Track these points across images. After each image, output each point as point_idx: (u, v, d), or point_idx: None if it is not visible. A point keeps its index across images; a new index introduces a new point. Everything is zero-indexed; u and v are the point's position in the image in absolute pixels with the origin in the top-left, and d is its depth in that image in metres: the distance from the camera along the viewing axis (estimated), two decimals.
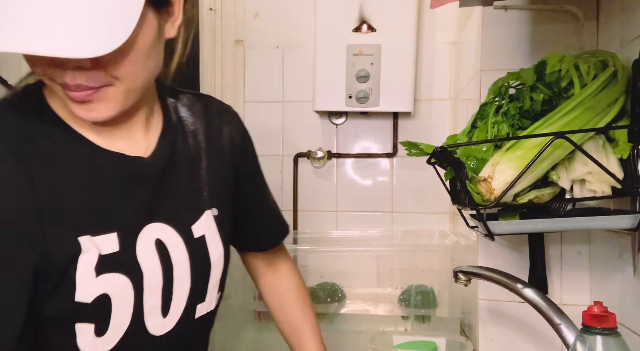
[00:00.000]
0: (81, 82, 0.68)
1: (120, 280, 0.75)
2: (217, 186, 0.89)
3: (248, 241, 1.03)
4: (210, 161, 0.89)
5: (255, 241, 1.04)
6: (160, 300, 0.79)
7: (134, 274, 0.76)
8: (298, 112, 1.74)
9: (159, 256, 0.79)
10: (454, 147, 0.91)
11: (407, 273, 1.46)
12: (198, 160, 0.88)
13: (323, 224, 1.74)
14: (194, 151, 0.87)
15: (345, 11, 1.58)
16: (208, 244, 0.86)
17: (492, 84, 0.96)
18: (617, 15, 0.97)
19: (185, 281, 0.82)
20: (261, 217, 1.03)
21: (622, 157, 0.82)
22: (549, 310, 0.77)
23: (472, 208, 0.88)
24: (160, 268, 0.79)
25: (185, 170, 0.85)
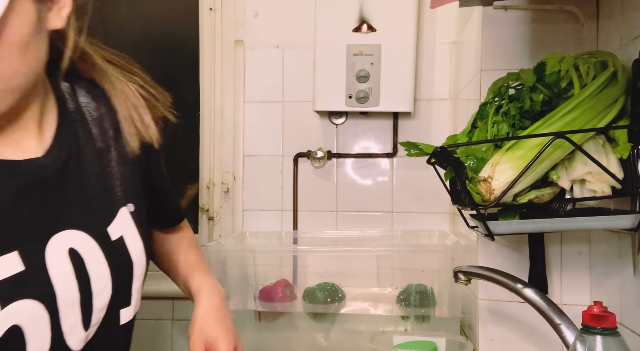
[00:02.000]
0: None
1: (30, 306, 0.66)
2: (130, 177, 0.80)
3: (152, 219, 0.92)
4: (119, 151, 0.79)
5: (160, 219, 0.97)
6: (80, 315, 0.72)
7: (45, 296, 0.68)
8: (298, 112, 1.74)
9: (74, 268, 0.71)
10: (454, 147, 0.91)
11: (407, 273, 1.46)
12: (106, 152, 0.78)
13: (323, 224, 1.74)
14: (100, 143, 0.78)
15: (345, 11, 1.58)
16: (128, 245, 0.78)
17: (491, 84, 0.96)
18: (617, 15, 0.97)
19: (105, 290, 0.75)
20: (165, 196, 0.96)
21: (622, 157, 0.82)
22: (549, 310, 0.77)
23: (472, 208, 0.88)
24: (74, 281, 0.71)
25: (93, 166, 0.76)
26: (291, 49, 1.74)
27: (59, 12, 0.68)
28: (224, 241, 1.55)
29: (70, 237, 0.72)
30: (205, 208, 1.79)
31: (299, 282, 1.53)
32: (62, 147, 0.73)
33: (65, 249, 0.71)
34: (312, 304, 1.44)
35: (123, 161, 0.80)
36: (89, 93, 0.79)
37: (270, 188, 1.75)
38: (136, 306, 0.82)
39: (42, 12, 0.65)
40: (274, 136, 1.76)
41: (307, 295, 1.45)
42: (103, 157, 0.77)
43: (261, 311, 1.46)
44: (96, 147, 0.77)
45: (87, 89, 0.79)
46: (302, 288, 1.47)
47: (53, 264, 0.69)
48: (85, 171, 0.75)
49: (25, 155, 0.69)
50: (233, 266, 1.44)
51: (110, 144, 0.79)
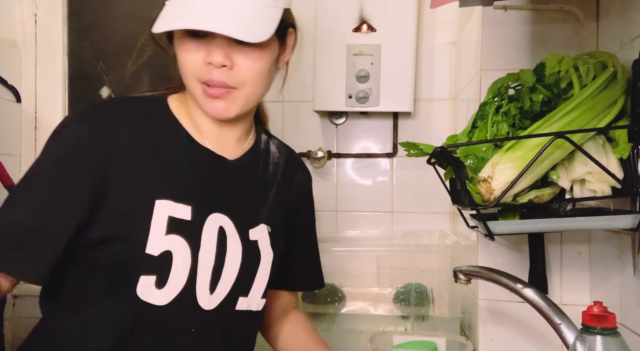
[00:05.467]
0: (224, 79, 0.85)
1: (183, 244, 0.86)
2: (277, 211, 1.01)
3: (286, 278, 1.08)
4: (278, 190, 1.03)
5: (293, 280, 1.11)
6: (210, 276, 0.89)
7: (194, 244, 0.87)
8: (298, 112, 1.74)
9: (218, 240, 0.90)
10: (454, 147, 0.91)
11: (407, 273, 1.46)
12: (270, 184, 1.02)
13: (323, 224, 1.73)
14: (270, 176, 1.02)
15: (345, 11, 1.58)
16: (260, 248, 0.96)
17: (491, 84, 0.96)
18: (617, 15, 0.98)
19: (233, 269, 0.92)
20: (305, 260, 1.12)
21: (622, 157, 0.82)
22: (549, 310, 0.77)
23: (472, 208, 0.88)
24: (215, 249, 0.90)
25: (258, 185, 1.00)
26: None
27: (284, 58, 0.97)
28: None
29: (224, 219, 0.92)
30: None
31: None
32: (246, 163, 0.98)
33: (217, 224, 0.91)
34: (312, 304, 1.44)
35: (278, 197, 1.02)
36: (276, 148, 1.08)
37: None
38: (251, 304, 0.96)
39: (279, 52, 0.93)
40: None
41: (306, 295, 1.45)
42: (267, 185, 1.01)
43: None
44: (266, 176, 1.02)
45: (276, 145, 1.08)
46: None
47: (207, 229, 0.90)
48: (253, 186, 0.99)
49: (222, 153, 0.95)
50: None
51: (274, 181, 1.03)
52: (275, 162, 1.05)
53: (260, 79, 0.89)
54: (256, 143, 1.02)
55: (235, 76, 0.86)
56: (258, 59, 0.87)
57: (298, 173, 1.10)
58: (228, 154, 0.96)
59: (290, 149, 1.13)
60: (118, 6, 1.87)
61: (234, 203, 0.95)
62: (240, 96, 0.88)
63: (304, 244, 1.12)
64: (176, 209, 0.87)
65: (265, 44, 0.85)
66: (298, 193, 1.08)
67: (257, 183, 1.00)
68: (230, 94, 0.87)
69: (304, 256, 1.12)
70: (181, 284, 0.86)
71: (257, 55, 0.86)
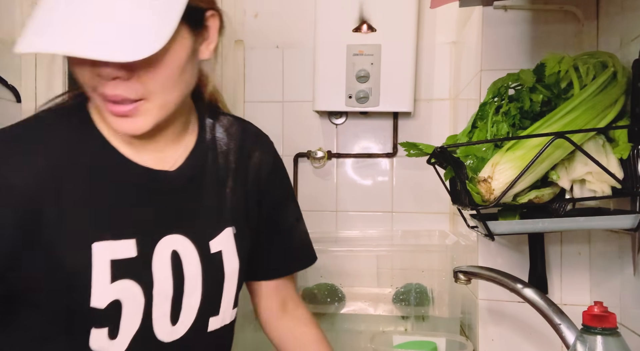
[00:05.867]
0: (120, 92, 0.72)
1: (132, 287, 0.78)
2: (240, 206, 0.91)
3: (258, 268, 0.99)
4: (236, 182, 0.92)
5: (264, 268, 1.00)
6: (170, 309, 0.82)
7: (145, 282, 0.79)
8: (298, 112, 1.74)
9: (172, 267, 0.82)
10: (454, 147, 0.91)
11: (407, 273, 1.46)
12: (225, 179, 0.91)
13: (323, 224, 1.73)
14: (222, 171, 0.90)
15: (345, 11, 1.58)
16: (224, 259, 0.87)
17: (491, 84, 0.96)
18: (617, 15, 0.97)
19: (196, 293, 0.84)
20: (285, 240, 1.00)
21: (622, 157, 0.82)
22: (549, 310, 0.77)
23: (472, 208, 0.88)
24: (171, 278, 0.81)
25: (212, 187, 0.88)
26: (291, 49, 1.74)
27: (208, 46, 0.81)
28: None
29: (177, 240, 0.83)
30: None
31: (299, 282, 1.53)
32: (192, 167, 0.86)
33: (170, 249, 0.82)
34: (312, 304, 1.44)
35: (237, 189, 0.91)
36: (225, 131, 0.94)
37: None
38: (225, 319, 0.89)
39: (196, 43, 0.78)
40: (274, 136, 1.72)
41: (306, 295, 1.45)
42: (221, 182, 0.90)
43: None
44: (218, 173, 0.89)
45: (225, 127, 0.94)
46: (302, 289, 1.47)
47: (158, 259, 0.80)
48: (204, 190, 0.87)
49: (161, 165, 0.83)
50: None
51: (229, 174, 0.91)
52: (225, 150, 0.92)
53: (171, 83, 0.75)
54: (200, 137, 0.89)
55: (136, 87, 0.72)
56: (162, 64, 0.72)
57: (255, 152, 0.96)
58: (168, 163, 0.84)
59: (244, 125, 0.98)
60: None
61: (186, 218, 0.84)
62: (152, 107, 0.75)
63: (278, 225, 0.99)
64: (118, 248, 0.77)
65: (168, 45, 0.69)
66: (259, 174, 0.95)
67: (210, 184, 0.88)
68: (137, 109, 0.73)
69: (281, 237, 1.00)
70: (134, 329, 0.78)
71: (159, 61, 0.71)
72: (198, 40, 0.79)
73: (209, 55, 0.82)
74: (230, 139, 0.94)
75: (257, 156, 0.96)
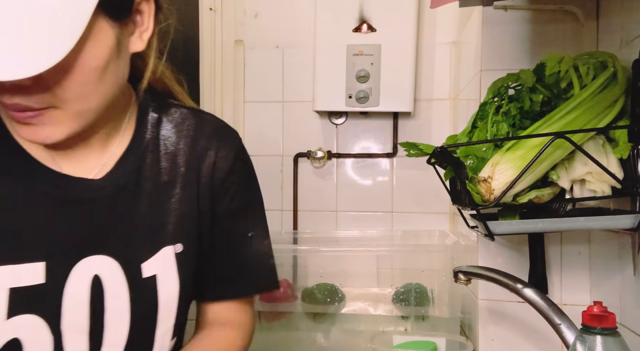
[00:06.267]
0: (19, 101, 0.60)
1: (33, 322, 0.66)
2: (189, 218, 0.76)
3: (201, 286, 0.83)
4: (185, 189, 0.76)
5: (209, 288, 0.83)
6: (88, 345, 0.70)
7: (51, 315, 0.67)
8: (298, 112, 1.74)
9: (91, 296, 0.69)
10: (454, 147, 0.91)
11: (407, 273, 1.46)
12: (170, 187, 0.76)
13: (323, 224, 1.73)
14: (166, 176, 0.75)
15: (345, 11, 1.58)
16: (159, 285, 0.73)
17: (491, 84, 0.96)
18: (617, 15, 0.97)
19: (121, 327, 0.71)
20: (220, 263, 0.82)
21: (622, 157, 0.82)
22: (549, 310, 0.77)
23: (472, 208, 0.88)
24: (87, 309, 0.69)
25: (150, 197, 0.74)
26: (291, 49, 1.74)
27: (140, 35, 0.69)
28: None
29: (99, 263, 0.70)
30: None
31: (299, 282, 1.53)
32: (123, 173, 0.72)
33: (90, 274, 0.69)
34: (312, 304, 1.44)
35: (187, 198, 0.76)
36: (175, 128, 0.78)
37: (270, 188, 1.75)
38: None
39: (123, 37, 0.66)
40: (274, 136, 1.76)
41: (306, 295, 1.45)
42: (164, 191, 0.75)
43: (261, 311, 1.46)
44: (160, 179, 0.75)
45: (175, 123, 0.79)
46: (302, 289, 1.47)
47: (72, 286, 0.68)
48: (138, 202, 0.73)
49: (82, 173, 0.70)
50: None
51: (176, 180, 0.76)
52: (172, 151, 0.77)
53: (88, 89, 0.62)
54: (136, 137, 0.75)
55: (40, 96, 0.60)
56: (74, 69, 0.59)
57: (210, 151, 0.79)
58: (92, 170, 0.71)
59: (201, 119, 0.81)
60: None
61: (113, 236, 0.71)
62: (65, 116, 0.62)
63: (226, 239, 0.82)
64: (20, 274, 0.64)
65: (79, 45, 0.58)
66: (214, 177, 0.79)
67: (147, 194, 0.73)
68: (45, 116, 0.62)
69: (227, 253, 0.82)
70: None
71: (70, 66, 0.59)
72: (125, 31, 0.66)
73: (142, 45, 0.69)
74: (179, 137, 0.78)
75: (212, 155, 0.80)
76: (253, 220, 0.85)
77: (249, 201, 0.85)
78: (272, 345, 1.44)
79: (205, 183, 0.79)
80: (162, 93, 0.82)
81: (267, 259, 0.85)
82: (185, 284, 0.76)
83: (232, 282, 0.83)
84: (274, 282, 0.86)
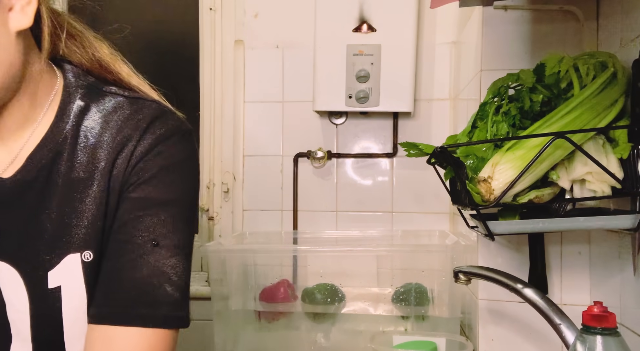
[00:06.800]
0: None
1: None
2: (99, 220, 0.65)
3: None
4: (101, 187, 0.65)
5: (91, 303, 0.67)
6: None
7: None
8: (298, 112, 1.74)
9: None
10: (454, 147, 0.91)
11: (407, 273, 1.46)
12: (85, 184, 0.65)
13: (323, 224, 1.73)
14: (82, 172, 0.65)
15: (345, 11, 1.58)
16: (63, 298, 0.63)
17: (491, 84, 0.96)
18: (617, 15, 0.97)
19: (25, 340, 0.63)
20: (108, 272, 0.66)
21: (622, 157, 0.82)
22: (549, 310, 0.77)
23: (472, 208, 0.88)
24: None
25: (60, 196, 0.64)
26: (291, 49, 1.74)
27: (23, 9, 0.60)
28: (224, 241, 1.55)
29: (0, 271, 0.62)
30: (205, 207, 1.79)
31: (299, 282, 1.53)
32: (31, 168, 0.64)
33: None
34: (312, 304, 1.44)
35: (104, 199, 0.65)
36: (103, 118, 0.68)
37: (270, 188, 1.75)
38: None
39: None
40: (274, 136, 1.76)
41: (306, 295, 1.45)
42: (78, 189, 0.65)
43: (261, 311, 1.46)
44: (75, 176, 0.65)
45: (104, 112, 0.68)
46: (302, 289, 1.47)
47: None
48: (46, 201, 0.64)
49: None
50: (233, 266, 1.44)
51: (94, 177, 0.65)
52: (92, 144, 0.66)
53: None
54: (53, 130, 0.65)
55: None
56: None
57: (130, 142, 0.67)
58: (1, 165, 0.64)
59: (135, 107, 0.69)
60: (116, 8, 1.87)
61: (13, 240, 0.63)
62: None
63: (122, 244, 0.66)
64: None
65: None
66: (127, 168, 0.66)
67: (59, 193, 0.64)
68: None
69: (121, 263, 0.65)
70: None
71: None
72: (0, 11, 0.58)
73: (27, 21, 0.60)
74: (105, 128, 0.67)
75: (130, 146, 0.66)
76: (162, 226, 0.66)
77: (160, 199, 0.67)
78: (272, 345, 1.44)
79: (116, 175, 0.66)
80: (104, 78, 0.72)
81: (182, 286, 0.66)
82: None
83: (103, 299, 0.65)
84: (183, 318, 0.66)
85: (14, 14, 0.59)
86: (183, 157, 0.69)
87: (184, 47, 1.87)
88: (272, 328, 1.46)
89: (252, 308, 1.47)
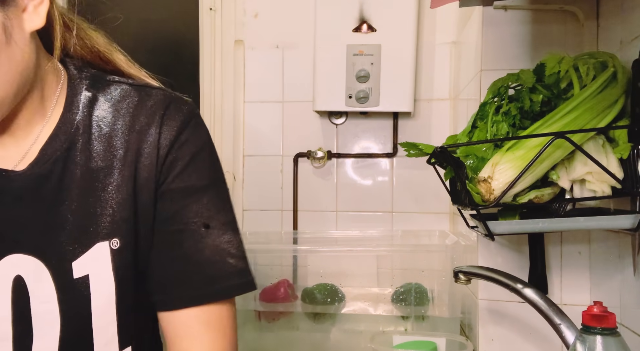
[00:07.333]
0: None
1: None
2: (126, 208, 0.67)
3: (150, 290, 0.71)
4: (124, 175, 0.67)
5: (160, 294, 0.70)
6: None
7: None
8: (298, 112, 1.74)
9: (13, 299, 0.63)
10: (454, 147, 0.91)
11: (407, 273, 1.46)
12: (106, 174, 0.66)
13: (323, 224, 1.74)
14: (102, 162, 0.66)
15: (345, 11, 1.58)
16: (91, 286, 0.65)
17: (491, 84, 0.96)
18: (617, 15, 0.97)
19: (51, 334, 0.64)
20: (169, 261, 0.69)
21: (622, 157, 0.82)
22: (549, 310, 0.77)
23: (472, 208, 0.88)
24: (9, 315, 0.63)
25: (80, 186, 0.65)
26: (291, 49, 1.74)
27: (36, 9, 0.61)
28: None
29: (21, 263, 0.63)
30: None
31: (299, 282, 1.53)
32: (45, 161, 0.65)
33: (11, 275, 0.63)
34: (312, 304, 1.44)
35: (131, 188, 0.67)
36: (113, 106, 0.69)
37: (270, 188, 1.75)
38: None
39: (9, 19, 0.59)
40: (274, 136, 1.76)
41: (306, 295, 1.45)
42: (99, 179, 0.66)
43: (261, 311, 1.46)
44: (94, 166, 0.66)
45: (114, 100, 0.69)
46: (302, 289, 1.47)
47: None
48: (67, 192, 0.65)
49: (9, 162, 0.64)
50: None
51: (114, 165, 0.66)
52: (107, 133, 0.67)
53: None
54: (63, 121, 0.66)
55: None
56: None
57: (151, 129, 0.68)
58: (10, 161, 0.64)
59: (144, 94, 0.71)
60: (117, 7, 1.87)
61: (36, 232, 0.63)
62: None
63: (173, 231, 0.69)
64: None
65: None
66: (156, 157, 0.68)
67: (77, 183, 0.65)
68: None
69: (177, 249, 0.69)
70: None
71: None
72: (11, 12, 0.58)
73: (41, 21, 0.61)
74: (117, 116, 0.68)
75: (154, 133, 0.68)
76: (209, 207, 0.70)
77: (199, 185, 0.70)
78: (272, 344, 1.44)
79: (147, 164, 0.68)
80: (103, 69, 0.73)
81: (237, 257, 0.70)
82: (123, 285, 0.67)
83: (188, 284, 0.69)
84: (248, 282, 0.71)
85: (28, 15, 0.60)
86: (205, 139, 0.72)
87: (184, 47, 1.87)
88: (272, 328, 1.46)
89: (252, 308, 1.47)
